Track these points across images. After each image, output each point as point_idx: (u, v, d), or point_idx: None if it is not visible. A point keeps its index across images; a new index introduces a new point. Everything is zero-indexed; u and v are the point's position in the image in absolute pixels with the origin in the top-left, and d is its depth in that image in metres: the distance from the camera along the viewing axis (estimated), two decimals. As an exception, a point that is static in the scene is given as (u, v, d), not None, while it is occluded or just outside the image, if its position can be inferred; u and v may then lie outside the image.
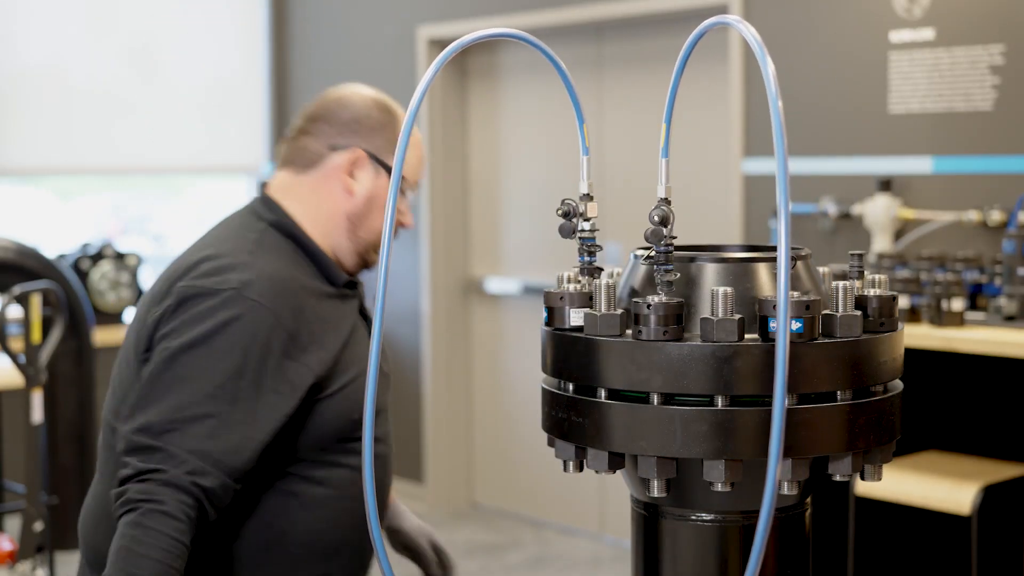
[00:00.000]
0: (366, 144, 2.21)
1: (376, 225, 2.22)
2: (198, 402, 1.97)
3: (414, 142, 2.27)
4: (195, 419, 1.96)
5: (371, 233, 2.24)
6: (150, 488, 1.90)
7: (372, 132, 2.22)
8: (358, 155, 2.21)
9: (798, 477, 1.41)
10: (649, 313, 1.42)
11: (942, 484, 3.65)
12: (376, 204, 2.21)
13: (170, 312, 2.04)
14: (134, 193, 7.02)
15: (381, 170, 2.21)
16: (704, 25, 1.44)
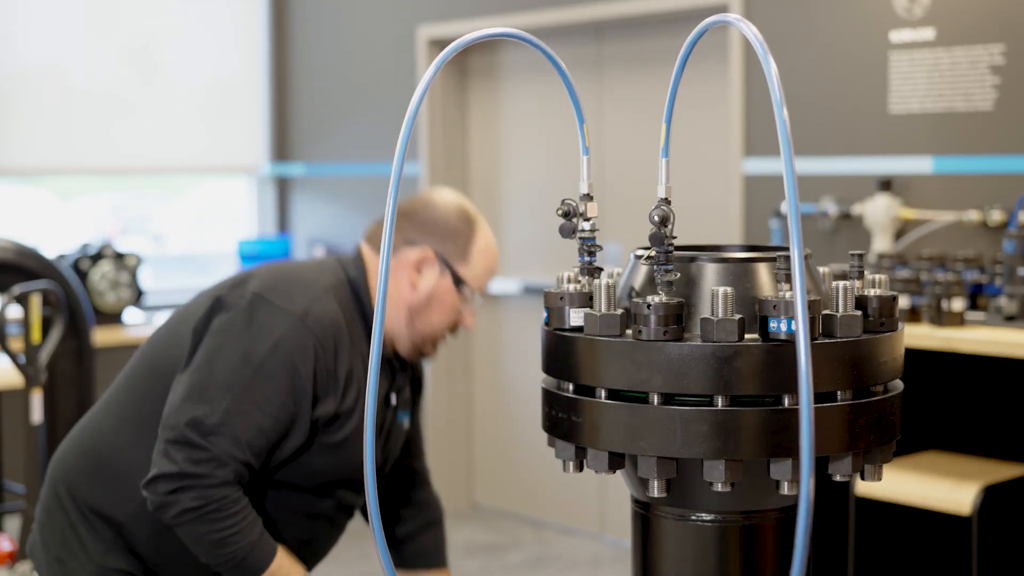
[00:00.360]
0: (438, 246, 2.39)
1: (434, 320, 2.40)
2: (245, 411, 2.21)
3: (489, 251, 2.44)
4: (239, 425, 2.20)
5: (428, 327, 2.40)
6: (203, 494, 2.18)
7: (446, 236, 2.40)
8: (427, 254, 2.39)
9: (798, 477, 1.41)
10: (649, 313, 1.42)
11: (942, 484, 3.65)
12: (436, 302, 2.39)
13: (239, 312, 2.27)
14: (134, 193, 7.02)
15: (447, 272, 2.39)
16: (705, 23, 1.44)
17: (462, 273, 2.40)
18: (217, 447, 2.19)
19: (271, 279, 2.32)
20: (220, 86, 6.57)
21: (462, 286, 2.40)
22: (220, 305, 2.31)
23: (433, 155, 6.09)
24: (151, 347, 2.46)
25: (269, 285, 2.30)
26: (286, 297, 2.28)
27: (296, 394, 2.24)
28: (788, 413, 1.40)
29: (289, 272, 2.36)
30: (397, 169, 1.41)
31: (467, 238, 2.41)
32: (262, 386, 2.22)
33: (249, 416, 2.21)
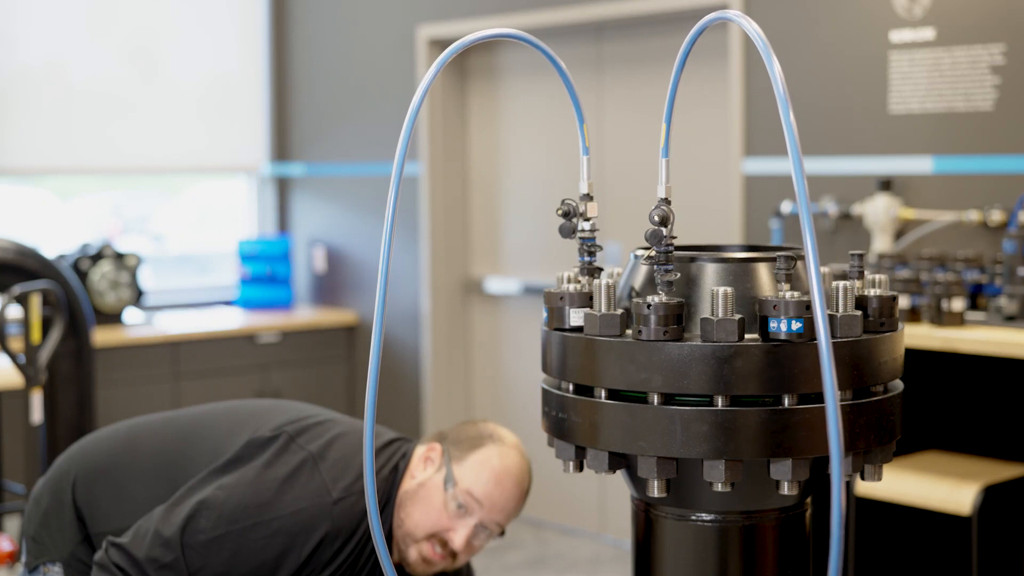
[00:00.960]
0: (449, 446, 2.40)
1: (415, 517, 2.35)
2: (231, 548, 2.25)
3: (494, 468, 2.37)
4: (219, 558, 2.24)
5: (408, 523, 2.36)
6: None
7: (458, 440, 2.41)
8: (435, 449, 2.41)
9: (798, 477, 1.41)
10: (649, 313, 1.42)
11: (942, 484, 3.65)
12: (422, 497, 2.35)
13: (289, 462, 2.31)
14: (134, 193, 7.02)
15: (443, 470, 2.37)
16: (706, 20, 1.44)
17: (454, 471, 2.36)
18: (188, 561, 2.22)
19: (335, 443, 2.35)
20: (220, 86, 6.57)
21: (451, 487, 2.34)
22: (277, 441, 2.34)
23: (433, 155, 6.09)
24: (214, 418, 2.49)
25: (328, 450, 2.33)
26: (336, 472, 2.30)
27: (280, 562, 2.26)
28: (788, 413, 1.40)
29: (354, 443, 2.37)
30: (398, 169, 1.41)
31: (474, 444, 2.40)
32: (259, 538, 2.25)
33: (231, 554, 2.24)
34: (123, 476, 2.41)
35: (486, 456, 2.38)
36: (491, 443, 2.40)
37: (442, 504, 2.34)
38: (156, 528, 2.25)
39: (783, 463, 1.40)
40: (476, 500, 2.35)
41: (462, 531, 2.35)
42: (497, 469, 2.38)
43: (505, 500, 2.37)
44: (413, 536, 2.36)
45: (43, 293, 4.51)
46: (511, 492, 2.38)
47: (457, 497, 2.35)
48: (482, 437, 2.41)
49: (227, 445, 2.37)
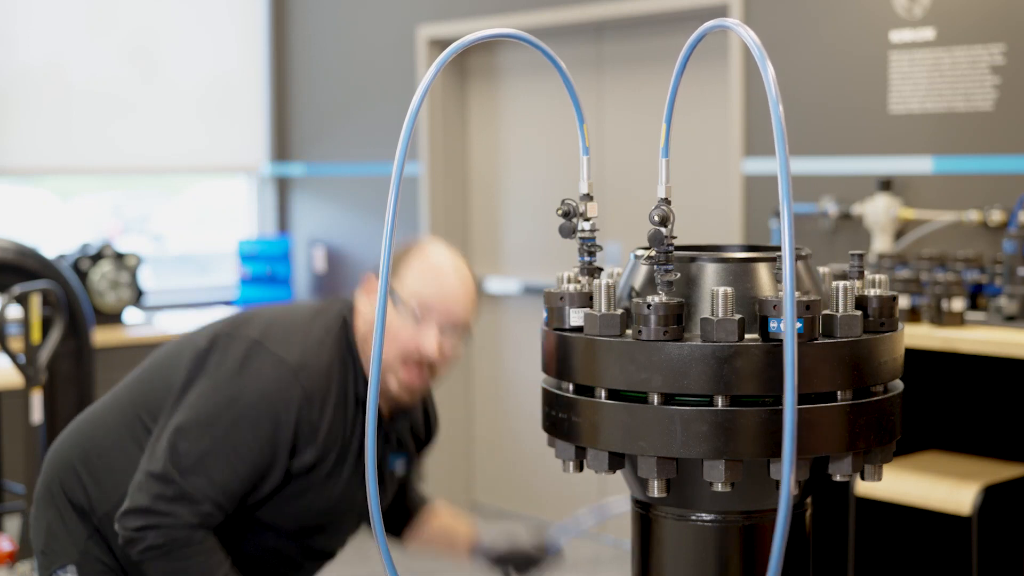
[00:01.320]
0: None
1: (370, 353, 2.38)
2: (224, 454, 2.25)
3: (431, 268, 2.37)
4: (216, 467, 2.24)
5: (366, 359, 2.36)
6: (168, 533, 2.22)
7: (393, 263, 2.36)
8: (369, 278, 2.42)
9: (799, 477, 1.41)
10: (649, 313, 1.42)
11: (942, 484, 3.65)
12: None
13: (234, 356, 2.30)
14: (134, 193, 7.02)
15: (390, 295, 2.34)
16: (704, 28, 1.44)
17: (395, 286, 2.34)
18: (191, 486, 2.23)
19: (271, 325, 2.35)
20: (220, 86, 6.57)
21: (399, 302, 2.33)
22: (217, 345, 2.34)
23: (433, 155, 6.09)
24: (153, 363, 2.50)
25: (268, 331, 2.33)
26: (284, 345, 2.30)
27: (275, 443, 2.27)
28: (788, 413, 1.39)
29: (289, 318, 2.39)
30: (398, 169, 1.41)
31: (402, 258, 2.38)
32: (244, 432, 2.25)
33: (227, 459, 2.25)
34: (99, 454, 2.42)
35: (416, 261, 2.37)
36: (416, 249, 2.40)
37: (399, 324, 2.32)
38: (147, 471, 2.26)
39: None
40: (426, 303, 2.34)
41: (428, 338, 2.33)
42: (432, 266, 2.37)
43: (453, 292, 2.36)
44: (387, 368, 2.34)
45: (43, 293, 4.51)
46: (455, 282, 2.37)
47: (408, 308, 2.33)
48: (407, 250, 2.41)
49: (175, 375, 2.37)
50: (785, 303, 1.28)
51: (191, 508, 2.23)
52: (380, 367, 1.35)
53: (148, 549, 2.24)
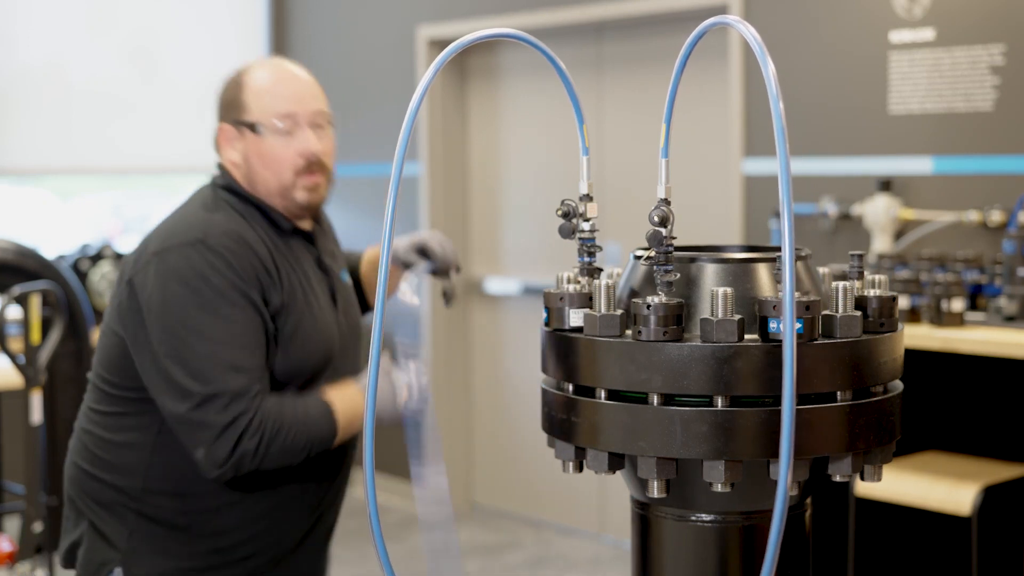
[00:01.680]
0: (226, 117, 2.46)
1: (266, 177, 2.40)
2: (222, 342, 2.25)
3: (266, 79, 2.47)
4: (226, 355, 2.25)
5: (268, 185, 2.40)
6: (253, 429, 2.24)
7: (227, 104, 2.47)
8: (221, 128, 2.46)
9: (798, 477, 1.41)
10: (649, 313, 1.42)
11: (942, 484, 3.65)
12: (255, 160, 2.40)
13: (155, 283, 2.31)
14: (134, 193, 7.02)
15: (243, 129, 2.41)
16: (704, 25, 1.44)
17: (248, 119, 2.40)
18: (225, 384, 2.23)
19: (159, 232, 2.38)
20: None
21: (262, 128, 2.39)
22: (135, 285, 2.36)
23: (433, 155, 6.09)
24: (101, 341, 2.51)
25: (161, 238, 2.35)
26: (180, 236, 2.32)
27: (249, 302, 2.28)
28: (788, 413, 1.39)
29: (170, 217, 2.42)
30: (397, 169, 1.41)
31: (237, 89, 2.46)
32: (218, 318, 2.25)
33: (228, 344, 2.25)
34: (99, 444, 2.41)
35: (249, 81, 2.46)
36: (238, 79, 2.48)
37: (272, 147, 2.39)
38: (180, 414, 2.26)
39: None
40: (285, 113, 2.41)
41: (308, 140, 2.40)
42: (268, 79, 2.46)
43: (302, 89, 2.49)
44: (287, 185, 2.39)
45: (43, 293, 4.51)
46: (296, 80, 2.51)
47: (273, 128, 2.39)
48: (231, 82, 2.50)
49: (127, 333, 2.37)
50: (785, 303, 1.28)
51: (243, 399, 2.24)
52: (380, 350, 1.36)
53: (254, 457, 2.25)
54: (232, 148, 2.43)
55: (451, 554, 2.60)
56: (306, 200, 2.42)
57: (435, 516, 2.60)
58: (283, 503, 2.42)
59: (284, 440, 2.26)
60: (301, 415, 2.29)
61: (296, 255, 2.42)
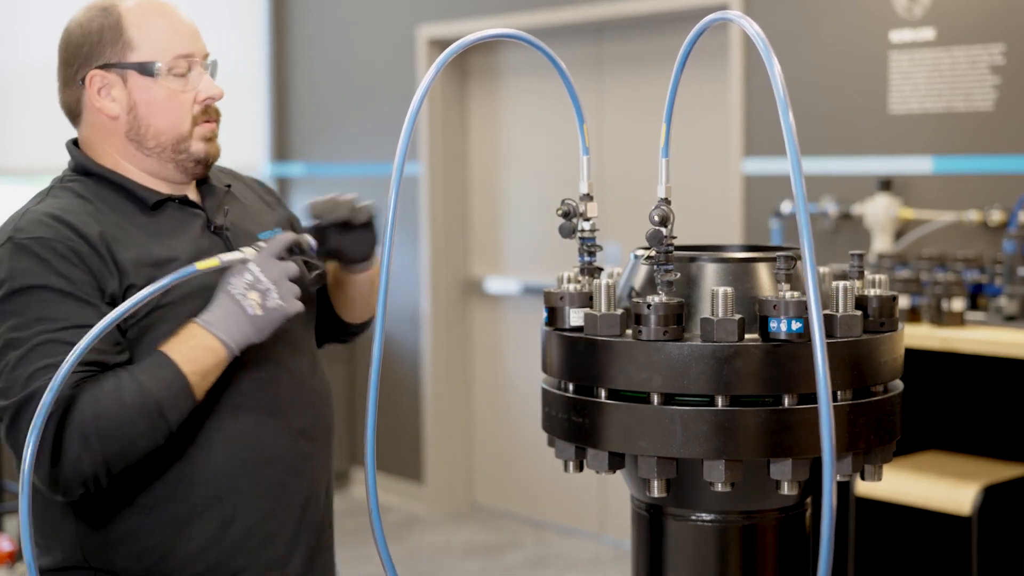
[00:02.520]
0: (96, 61, 2.01)
1: (161, 127, 2.03)
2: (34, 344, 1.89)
3: (151, 12, 2.04)
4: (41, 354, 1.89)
5: (161, 137, 2.03)
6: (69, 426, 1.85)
7: (94, 46, 2.01)
8: (92, 76, 2.01)
9: (798, 477, 1.41)
10: (649, 313, 1.42)
11: (942, 484, 3.65)
12: (144, 109, 2.02)
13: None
14: (134, 193, 7.03)
15: (126, 72, 2.01)
16: (705, 21, 1.44)
17: (138, 59, 2.01)
18: (31, 390, 1.85)
19: (9, 219, 2.01)
20: (220, 85, 6.57)
21: (154, 70, 2.02)
22: None
23: (433, 155, 6.09)
24: None
25: (10, 223, 1.99)
26: (24, 218, 1.97)
27: (71, 294, 1.91)
28: (788, 413, 1.40)
29: (20, 206, 2.05)
30: (398, 169, 1.41)
31: (112, 27, 2.01)
32: (25, 313, 1.90)
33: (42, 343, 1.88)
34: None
35: (129, 16, 2.02)
36: (110, 9, 2.03)
37: (170, 91, 2.04)
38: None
39: (783, 463, 1.40)
40: (183, 52, 2.05)
41: (206, 82, 2.10)
42: (151, 10, 2.04)
43: (186, 25, 2.09)
44: (184, 135, 2.05)
45: (43, 293, 4.50)
46: (176, 13, 2.08)
47: (170, 69, 2.03)
48: (93, 21, 2.03)
49: None
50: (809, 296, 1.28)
51: (33, 402, 1.81)
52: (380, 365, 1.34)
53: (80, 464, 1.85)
54: (107, 99, 2.02)
55: None
56: (203, 152, 2.07)
57: None
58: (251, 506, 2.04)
59: (115, 431, 1.86)
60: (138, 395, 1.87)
61: (170, 229, 2.03)
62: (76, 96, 2.06)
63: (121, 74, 2.02)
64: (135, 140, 2.04)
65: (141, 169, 2.06)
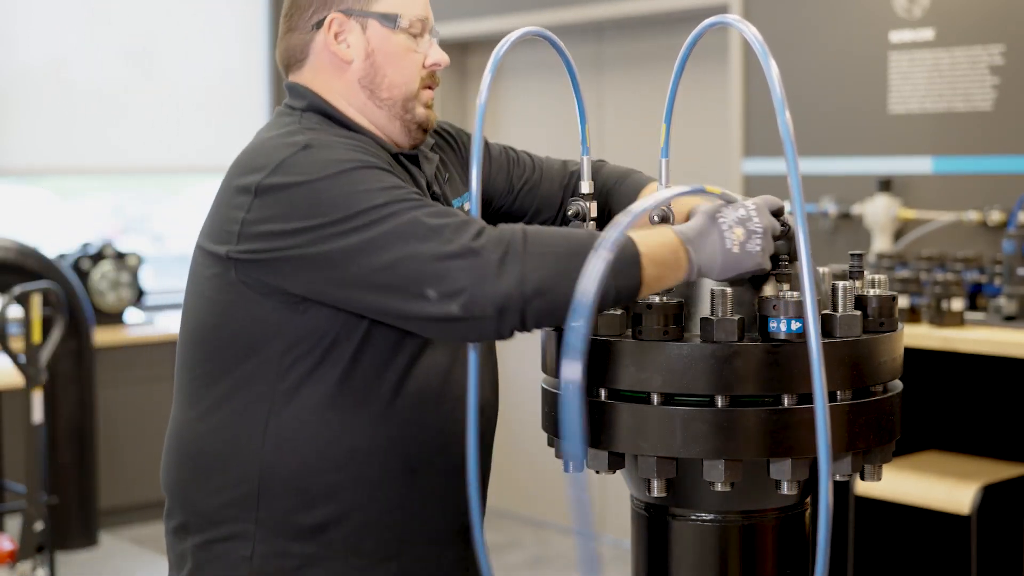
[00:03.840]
0: (338, 6, 1.95)
1: (395, 79, 1.94)
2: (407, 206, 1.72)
3: None
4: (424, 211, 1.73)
5: (394, 90, 1.95)
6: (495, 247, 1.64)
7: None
8: (332, 19, 1.95)
9: (798, 477, 1.41)
10: (649, 313, 1.42)
11: (942, 484, 3.65)
12: (381, 58, 1.94)
13: (287, 185, 1.78)
14: (134, 193, 7.02)
15: (367, 20, 1.94)
16: (703, 25, 1.45)
17: (382, 9, 1.95)
18: (451, 216, 1.70)
19: (235, 174, 1.90)
20: (221, 85, 6.57)
21: (397, 22, 1.94)
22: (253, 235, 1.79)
23: (433, 155, 6.10)
24: (185, 319, 1.97)
25: (244, 172, 1.87)
26: (271, 157, 1.85)
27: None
28: (788, 413, 1.40)
29: (250, 151, 1.96)
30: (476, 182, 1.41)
31: None
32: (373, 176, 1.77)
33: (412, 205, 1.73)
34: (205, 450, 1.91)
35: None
36: None
37: (404, 46, 1.95)
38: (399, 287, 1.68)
39: (783, 463, 1.41)
40: (421, 15, 1.97)
41: (433, 50, 1.98)
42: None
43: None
44: (412, 94, 1.96)
45: (44, 293, 4.51)
46: None
47: (410, 26, 1.95)
48: None
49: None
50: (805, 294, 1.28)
51: (473, 223, 1.68)
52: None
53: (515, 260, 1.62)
54: (343, 44, 1.94)
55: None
56: (424, 117, 1.97)
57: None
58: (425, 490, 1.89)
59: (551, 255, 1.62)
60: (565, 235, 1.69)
61: (406, 180, 1.93)
62: (305, 40, 1.98)
63: (361, 21, 1.95)
64: (368, 87, 1.96)
65: (370, 121, 1.97)
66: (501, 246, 1.63)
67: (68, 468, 5.12)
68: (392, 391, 1.84)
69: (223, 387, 1.86)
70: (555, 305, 1.57)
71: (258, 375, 1.83)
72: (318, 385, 1.82)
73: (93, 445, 5.21)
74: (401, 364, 1.85)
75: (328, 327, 1.80)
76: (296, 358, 1.81)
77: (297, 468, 1.83)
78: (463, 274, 1.61)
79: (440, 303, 1.62)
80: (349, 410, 1.82)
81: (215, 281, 1.85)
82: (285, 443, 1.83)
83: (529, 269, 1.60)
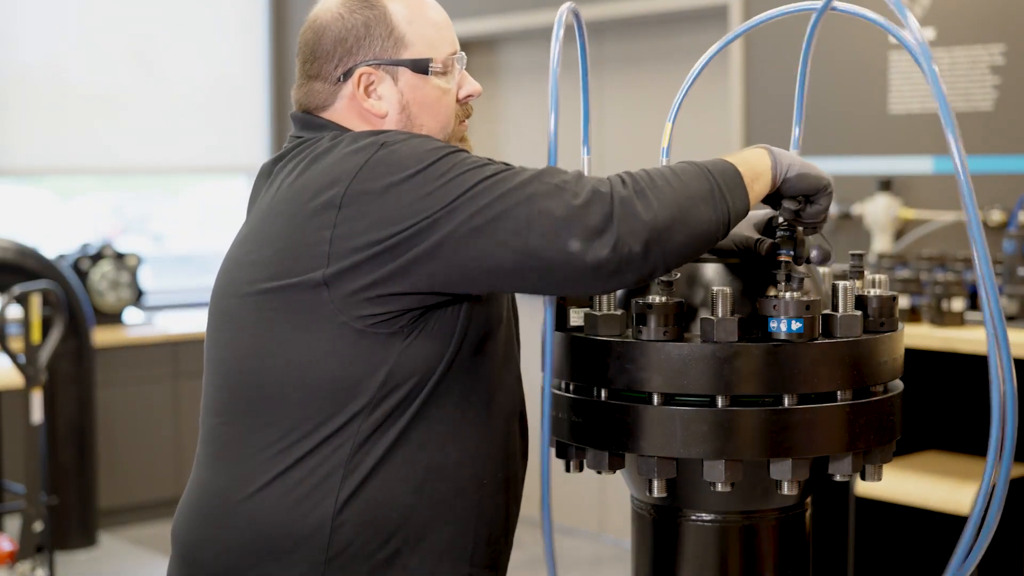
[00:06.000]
0: (363, 57, 1.85)
1: (433, 126, 1.87)
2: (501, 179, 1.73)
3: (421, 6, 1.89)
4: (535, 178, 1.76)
5: (431, 134, 1.87)
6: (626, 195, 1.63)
7: (360, 41, 1.85)
8: (361, 74, 1.85)
9: (798, 477, 1.41)
10: (649, 313, 1.42)
11: (942, 484, 3.65)
12: (416, 109, 1.86)
13: (347, 217, 1.70)
14: (134, 193, 7.02)
15: (398, 70, 1.85)
16: (799, 6, 1.44)
17: (412, 55, 1.86)
18: (559, 171, 1.77)
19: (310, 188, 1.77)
20: (220, 86, 6.57)
21: (429, 69, 1.86)
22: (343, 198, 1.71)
23: (433, 155, 6.09)
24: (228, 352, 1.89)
25: (325, 186, 1.75)
26: (354, 162, 1.75)
27: None
28: (788, 413, 1.40)
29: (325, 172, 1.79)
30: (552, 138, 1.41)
31: (381, 21, 1.85)
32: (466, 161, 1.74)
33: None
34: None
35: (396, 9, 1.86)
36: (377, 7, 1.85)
37: (440, 90, 1.88)
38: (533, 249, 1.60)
39: (783, 463, 1.41)
40: (452, 50, 1.90)
41: (470, 80, 1.93)
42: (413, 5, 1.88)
43: (443, 17, 1.92)
44: (446, 136, 1.89)
45: (43, 293, 4.51)
46: (433, 5, 1.92)
47: (442, 67, 1.88)
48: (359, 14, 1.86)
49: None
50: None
51: (580, 174, 1.75)
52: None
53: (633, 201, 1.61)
54: (374, 97, 1.85)
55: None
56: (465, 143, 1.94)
57: None
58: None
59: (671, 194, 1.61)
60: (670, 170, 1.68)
61: None
62: (330, 91, 1.87)
63: (392, 72, 1.86)
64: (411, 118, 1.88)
65: None
66: (626, 186, 1.64)
67: (67, 468, 5.12)
68: (472, 409, 1.72)
69: (304, 445, 1.71)
70: (691, 235, 1.53)
71: (346, 427, 1.69)
72: (400, 420, 1.69)
73: (92, 445, 5.21)
74: (483, 384, 1.72)
75: (432, 353, 1.68)
76: (384, 396, 1.69)
77: (369, 505, 1.71)
78: (603, 218, 1.58)
79: (588, 251, 1.54)
80: (428, 432, 1.72)
81: (296, 319, 1.74)
82: (361, 490, 1.70)
83: (658, 202, 1.59)
